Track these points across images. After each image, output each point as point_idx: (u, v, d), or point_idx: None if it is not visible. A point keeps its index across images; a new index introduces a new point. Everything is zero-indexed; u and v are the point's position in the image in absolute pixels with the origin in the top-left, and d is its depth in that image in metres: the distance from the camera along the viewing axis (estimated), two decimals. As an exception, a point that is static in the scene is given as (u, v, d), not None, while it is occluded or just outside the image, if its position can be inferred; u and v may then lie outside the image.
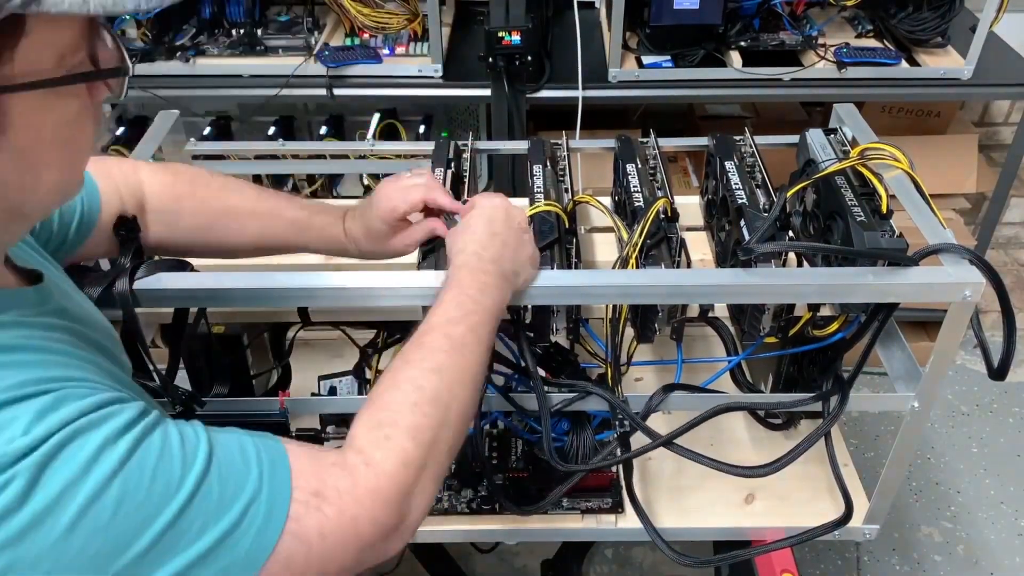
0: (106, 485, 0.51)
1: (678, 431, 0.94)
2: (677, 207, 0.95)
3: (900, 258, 0.86)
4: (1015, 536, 1.90)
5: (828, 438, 1.02)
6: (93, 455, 0.51)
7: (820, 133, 1.11)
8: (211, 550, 0.54)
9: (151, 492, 0.52)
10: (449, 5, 2.05)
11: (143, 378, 0.85)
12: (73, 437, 0.51)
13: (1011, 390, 2.23)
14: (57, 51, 0.50)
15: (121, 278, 0.81)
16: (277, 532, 0.57)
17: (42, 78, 0.50)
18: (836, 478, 1.01)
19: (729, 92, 1.82)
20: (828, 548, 1.86)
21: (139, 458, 0.53)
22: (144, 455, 0.53)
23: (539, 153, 1.10)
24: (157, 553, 0.52)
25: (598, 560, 1.86)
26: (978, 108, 2.44)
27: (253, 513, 0.56)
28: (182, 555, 0.53)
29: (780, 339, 0.99)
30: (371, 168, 1.58)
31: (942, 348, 0.91)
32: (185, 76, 1.80)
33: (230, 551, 0.55)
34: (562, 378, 1.01)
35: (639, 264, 0.90)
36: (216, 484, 0.55)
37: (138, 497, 0.52)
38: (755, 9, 1.73)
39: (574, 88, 1.77)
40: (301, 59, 1.78)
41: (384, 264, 1.00)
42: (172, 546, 0.53)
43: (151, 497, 0.52)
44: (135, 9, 0.50)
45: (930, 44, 1.81)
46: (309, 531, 0.58)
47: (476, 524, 1.09)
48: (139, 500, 0.52)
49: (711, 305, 1.01)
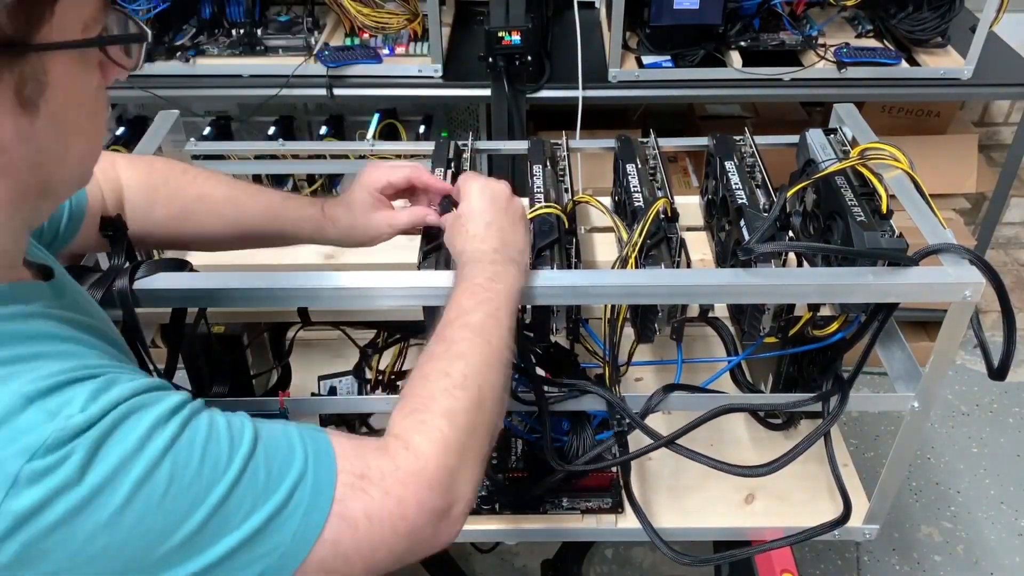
0: (158, 463, 0.52)
1: (679, 432, 0.94)
2: (677, 207, 0.95)
3: (900, 258, 0.86)
4: (1015, 536, 1.90)
5: (828, 438, 1.02)
6: (146, 433, 0.52)
7: (820, 133, 1.11)
8: (260, 530, 0.55)
9: (200, 472, 0.53)
10: (449, 5, 2.05)
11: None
12: (127, 415, 0.52)
13: (1011, 390, 2.23)
14: (83, 19, 0.52)
15: (121, 278, 0.81)
16: (324, 514, 0.57)
17: (75, 39, 0.52)
18: (835, 478, 1.01)
19: (729, 92, 1.82)
20: (828, 548, 1.86)
21: (188, 438, 0.54)
22: (192, 436, 0.54)
23: (539, 153, 1.10)
24: (208, 533, 0.53)
25: (598, 560, 1.86)
26: (978, 108, 2.44)
27: (300, 494, 0.56)
28: (232, 535, 0.54)
29: (780, 339, 0.99)
30: (371, 168, 1.58)
31: (942, 348, 0.91)
32: (185, 76, 1.80)
33: (278, 532, 0.55)
34: (562, 378, 1.01)
35: (639, 264, 0.90)
36: (263, 465, 0.56)
37: (187, 476, 0.53)
38: (755, 9, 1.73)
39: (574, 88, 1.77)
40: (301, 59, 1.78)
41: (384, 264, 1.00)
42: (222, 526, 0.53)
43: (201, 476, 0.53)
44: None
45: (930, 44, 1.81)
46: (356, 513, 0.58)
47: (476, 524, 1.09)
48: (189, 479, 0.53)
49: (711, 305, 1.01)
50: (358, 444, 0.62)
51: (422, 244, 0.94)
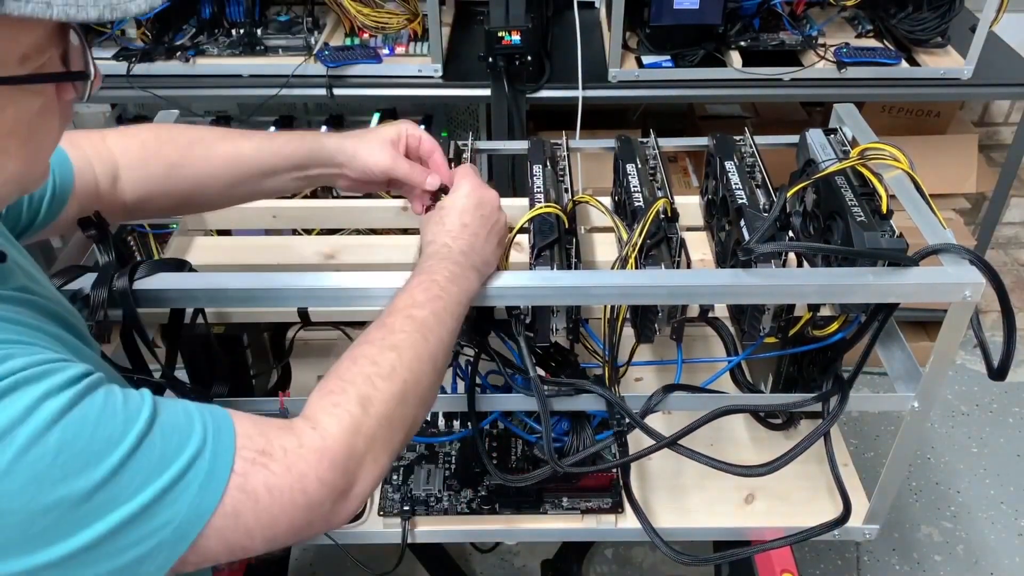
0: (45, 431, 0.52)
1: (680, 433, 0.94)
2: (677, 207, 0.95)
3: (900, 258, 0.86)
4: (1015, 536, 1.90)
5: (827, 438, 1.02)
6: (34, 403, 0.52)
7: (820, 133, 1.11)
8: (153, 502, 0.55)
9: (91, 443, 0.54)
10: (449, 5, 2.05)
11: (145, 376, 0.86)
12: (14, 387, 0.52)
13: (1011, 390, 2.23)
14: (21, 50, 0.52)
15: (120, 278, 0.81)
16: (222, 485, 0.58)
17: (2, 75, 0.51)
18: (835, 478, 1.01)
19: (729, 92, 1.82)
20: (828, 548, 1.86)
21: (81, 410, 0.54)
22: (87, 408, 0.55)
23: (539, 153, 1.10)
24: (97, 503, 0.53)
25: (598, 560, 1.86)
26: (978, 108, 2.44)
27: (196, 468, 0.57)
28: (123, 507, 0.54)
29: (780, 339, 0.99)
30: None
31: (942, 348, 0.91)
32: (185, 76, 1.80)
33: (172, 504, 0.56)
34: (561, 378, 1.01)
35: (639, 264, 0.90)
36: (159, 441, 0.56)
37: (77, 446, 0.53)
38: (755, 9, 1.73)
39: (574, 88, 1.77)
40: (301, 59, 1.78)
41: (384, 264, 1.00)
42: (112, 498, 0.54)
43: (91, 447, 0.53)
44: (98, 18, 0.51)
45: (930, 44, 1.81)
46: (256, 485, 0.59)
47: (476, 524, 1.09)
48: (78, 449, 0.53)
49: (711, 305, 1.01)
50: (260, 422, 0.63)
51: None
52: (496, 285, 0.85)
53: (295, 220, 1.25)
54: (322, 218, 1.25)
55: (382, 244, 1.23)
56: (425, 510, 1.09)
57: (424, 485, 1.12)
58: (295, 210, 1.23)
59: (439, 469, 1.14)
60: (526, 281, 0.87)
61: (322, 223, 1.27)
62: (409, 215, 1.19)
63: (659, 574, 1.84)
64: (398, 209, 1.19)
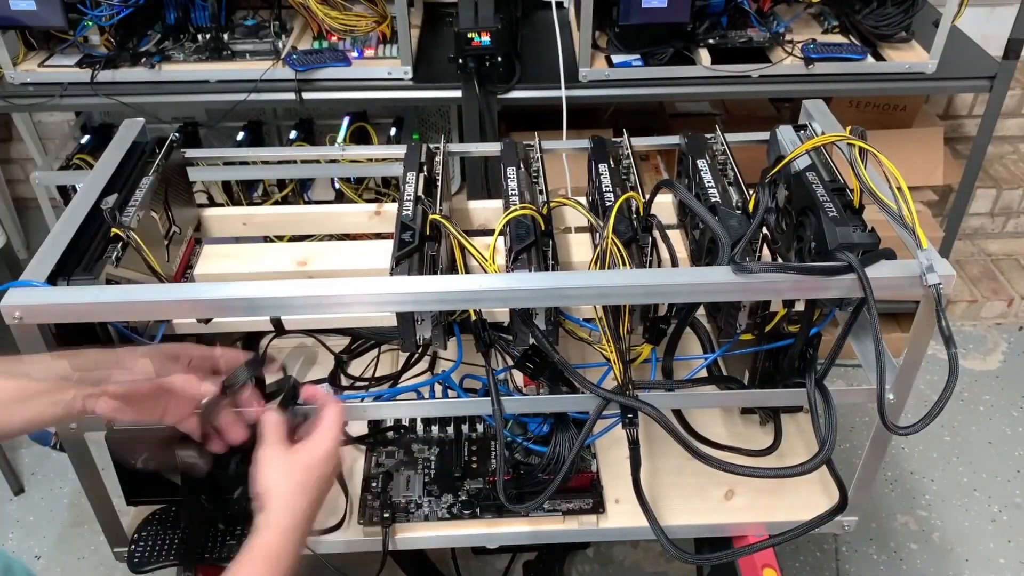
0: None
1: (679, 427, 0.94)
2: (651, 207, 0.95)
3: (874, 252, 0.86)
4: (988, 522, 1.93)
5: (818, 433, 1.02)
6: None
7: (790, 129, 1.12)
8: None
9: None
10: (417, 7, 2.04)
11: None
12: None
13: (981, 379, 2.27)
14: None
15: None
16: None
17: None
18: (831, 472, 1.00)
19: (699, 90, 1.83)
20: (806, 540, 1.87)
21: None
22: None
23: (512, 155, 1.09)
24: None
25: (579, 559, 1.86)
26: (942, 101, 2.47)
27: None
28: None
29: (756, 335, 1.00)
30: (342, 172, 1.57)
31: (915, 340, 0.92)
32: (150, 83, 1.77)
33: None
34: (541, 380, 1.01)
35: (620, 250, 0.90)
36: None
37: None
38: (723, 7, 1.74)
39: (546, 88, 1.77)
40: (269, 63, 1.76)
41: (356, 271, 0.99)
42: None
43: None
44: None
45: (895, 39, 1.83)
46: None
47: (456, 529, 1.08)
48: None
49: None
50: None
51: (394, 250, 0.93)
52: (475, 288, 0.85)
53: (266, 227, 1.24)
54: (293, 224, 1.25)
55: (353, 250, 1.22)
56: (405, 517, 1.08)
57: (404, 491, 1.11)
58: (265, 216, 1.22)
59: (418, 475, 1.13)
60: (505, 284, 0.86)
61: (293, 229, 1.26)
62: (382, 219, 1.19)
63: (641, 572, 1.84)
64: (371, 213, 1.19)
